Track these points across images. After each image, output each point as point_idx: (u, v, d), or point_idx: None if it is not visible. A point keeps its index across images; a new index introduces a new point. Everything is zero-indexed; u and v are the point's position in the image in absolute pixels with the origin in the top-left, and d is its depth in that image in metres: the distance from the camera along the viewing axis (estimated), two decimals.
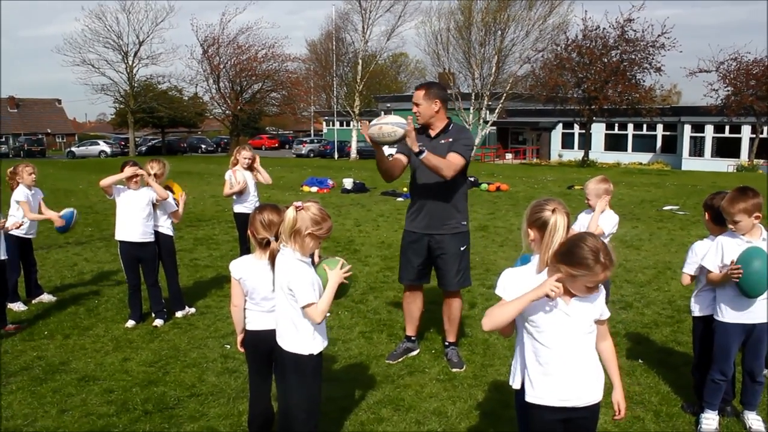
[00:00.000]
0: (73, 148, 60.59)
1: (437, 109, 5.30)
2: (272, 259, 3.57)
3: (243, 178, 8.00)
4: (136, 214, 6.55)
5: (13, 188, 7.31)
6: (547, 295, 2.76)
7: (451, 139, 5.29)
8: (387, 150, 5.19)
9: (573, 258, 2.78)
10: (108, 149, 58.63)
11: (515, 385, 3.13)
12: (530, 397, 2.98)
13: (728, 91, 35.49)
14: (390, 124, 4.86)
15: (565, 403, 2.92)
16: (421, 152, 4.96)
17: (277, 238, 3.58)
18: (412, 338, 5.79)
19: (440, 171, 5.11)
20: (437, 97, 5.29)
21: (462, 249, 5.43)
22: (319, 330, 3.50)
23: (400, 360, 5.61)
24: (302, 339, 3.46)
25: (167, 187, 6.98)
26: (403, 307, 5.85)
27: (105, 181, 6.50)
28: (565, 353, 2.89)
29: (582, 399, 2.94)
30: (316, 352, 3.49)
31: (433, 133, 5.37)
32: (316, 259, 3.63)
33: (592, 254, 2.75)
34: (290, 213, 3.40)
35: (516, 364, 3.14)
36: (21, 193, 7.25)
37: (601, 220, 5.23)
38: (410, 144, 4.90)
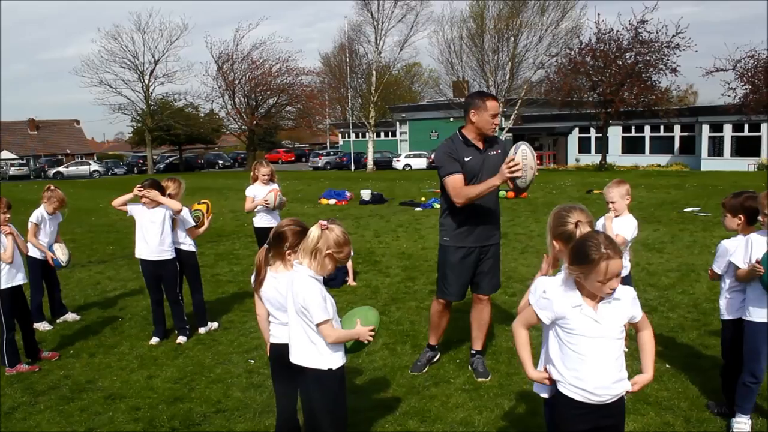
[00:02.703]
0: (61, 169, 57.69)
1: None
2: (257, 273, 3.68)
3: (262, 200, 8.02)
4: (152, 231, 6.56)
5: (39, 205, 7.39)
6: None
7: (500, 151, 5.23)
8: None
9: (579, 256, 2.83)
10: (100, 168, 57.48)
11: (537, 390, 3.24)
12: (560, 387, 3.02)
13: (746, 89, 35.12)
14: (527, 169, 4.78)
15: (591, 399, 2.93)
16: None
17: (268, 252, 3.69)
18: (435, 347, 5.78)
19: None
20: None
21: (499, 253, 5.63)
22: (337, 344, 3.49)
23: (424, 371, 5.60)
24: (321, 354, 3.43)
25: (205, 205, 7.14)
26: (431, 319, 5.73)
27: (116, 202, 6.65)
28: (595, 360, 2.90)
29: (609, 395, 2.95)
30: (335, 366, 3.46)
31: (482, 145, 5.25)
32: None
33: (595, 247, 2.79)
34: (315, 231, 3.40)
35: (540, 367, 3.18)
36: (36, 215, 7.29)
37: (621, 227, 5.20)
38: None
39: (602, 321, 2.90)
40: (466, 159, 5.14)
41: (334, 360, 3.45)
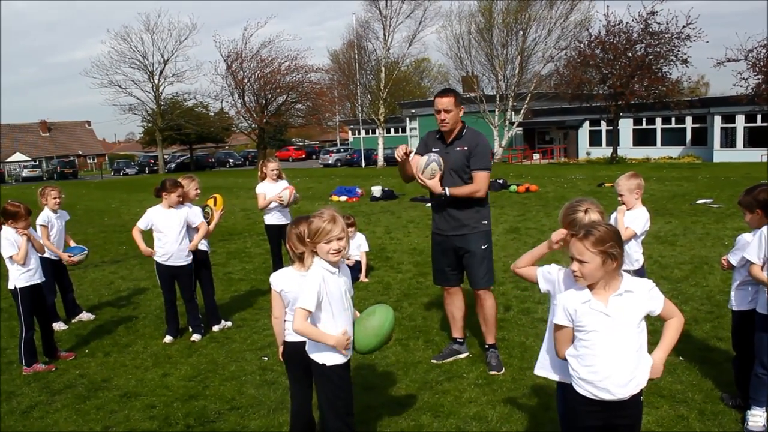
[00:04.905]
0: None
1: (461, 115, 5.37)
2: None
3: (277, 196, 8.10)
4: (171, 236, 6.59)
5: (42, 208, 7.45)
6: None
7: (466, 148, 5.30)
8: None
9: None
10: None
11: (537, 371, 3.43)
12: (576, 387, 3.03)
13: (759, 79, 34.80)
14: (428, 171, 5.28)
15: (604, 396, 2.92)
16: (444, 194, 5.24)
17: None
18: (458, 340, 5.80)
19: (473, 196, 5.29)
20: (462, 103, 5.38)
21: (483, 248, 5.46)
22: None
23: (447, 360, 5.65)
24: (318, 349, 3.52)
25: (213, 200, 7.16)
26: (445, 310, 5.89)
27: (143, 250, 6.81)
28: (611, 356, 2.88)
29: (623, 393, 2.92)
30: (329, 363, 3.51)
31: (448, 139, 5.40)
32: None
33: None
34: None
35: (543, 352, 3.38)
36: (42, 217, 7.36)
37: (632, 220, 5.16)
38: (435, 191, 5.28)
39: (614, 314, 2.87)
40: (433, 149, 5.42)
41: (330, 357, 3.51)
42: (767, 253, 4.06)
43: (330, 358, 3.51)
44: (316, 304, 3.39)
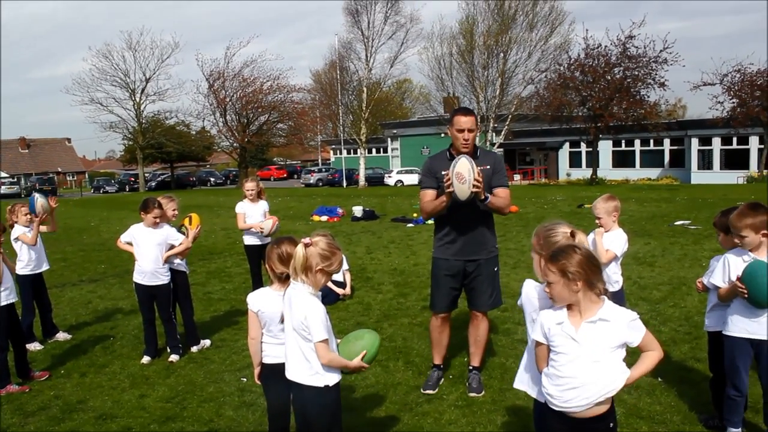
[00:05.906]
0: None
1: None
2: None
3: (258, 225, 8.15)
4: (150, 255, 6.54)
5: (11, 226, 7.36)
6: None
7: (489, 166, 5.20)
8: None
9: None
10: None
11: (517, 385, 3.41)
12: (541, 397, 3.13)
13: (734, 103, 35.50)
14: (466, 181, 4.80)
15: (566, 412, 2.97)
16: (486, 198, 5.01)
17: None
18: (441, 366, 5.72)
19: (502, 210, 5.23)
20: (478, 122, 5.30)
21: (495, 270, 5.46)
22: None
23: (435, 391, 5.48)
24: (316, 372, 3.43)
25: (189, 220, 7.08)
26: (431, 336, 5.70)
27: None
28: (572, 380, 2.92)
29: (585, 414, 2.95)
30: (332, 383, 3.45)
31: None
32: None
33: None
34: (299, 251, 3.38)
35: (522, 366, 3.39)
36: (18, 230, 7.30)
37: (611, 242, 5.20)
38: (480, 194, 4.90)
39: (582, 341, 2.89)
40: (442, 173, 5.05)
41: (330, 377, 3.45)
42: (732, 277, 4.12)
43: (330, 379, 3.43)
44: (329, 328, 3.37)
